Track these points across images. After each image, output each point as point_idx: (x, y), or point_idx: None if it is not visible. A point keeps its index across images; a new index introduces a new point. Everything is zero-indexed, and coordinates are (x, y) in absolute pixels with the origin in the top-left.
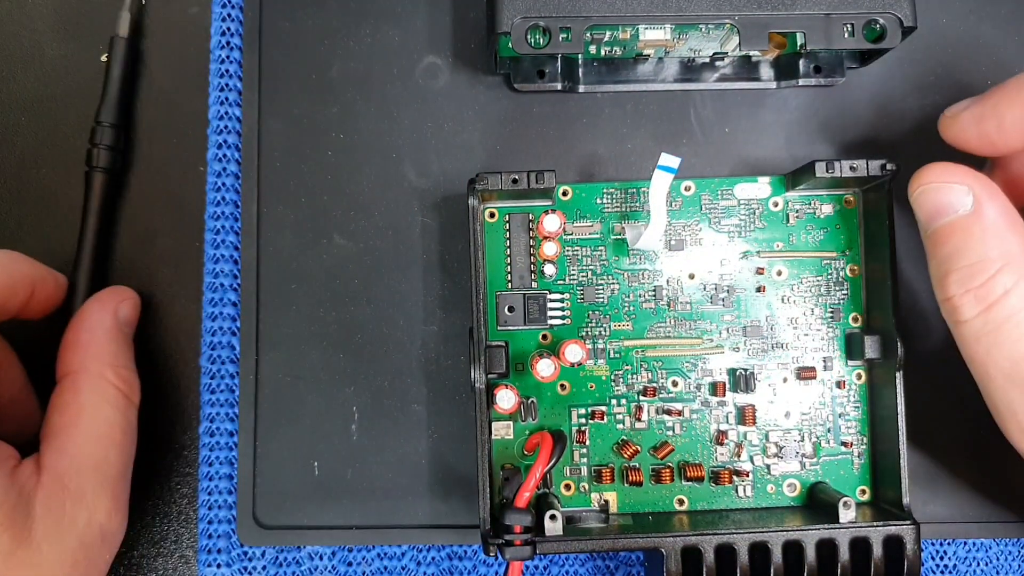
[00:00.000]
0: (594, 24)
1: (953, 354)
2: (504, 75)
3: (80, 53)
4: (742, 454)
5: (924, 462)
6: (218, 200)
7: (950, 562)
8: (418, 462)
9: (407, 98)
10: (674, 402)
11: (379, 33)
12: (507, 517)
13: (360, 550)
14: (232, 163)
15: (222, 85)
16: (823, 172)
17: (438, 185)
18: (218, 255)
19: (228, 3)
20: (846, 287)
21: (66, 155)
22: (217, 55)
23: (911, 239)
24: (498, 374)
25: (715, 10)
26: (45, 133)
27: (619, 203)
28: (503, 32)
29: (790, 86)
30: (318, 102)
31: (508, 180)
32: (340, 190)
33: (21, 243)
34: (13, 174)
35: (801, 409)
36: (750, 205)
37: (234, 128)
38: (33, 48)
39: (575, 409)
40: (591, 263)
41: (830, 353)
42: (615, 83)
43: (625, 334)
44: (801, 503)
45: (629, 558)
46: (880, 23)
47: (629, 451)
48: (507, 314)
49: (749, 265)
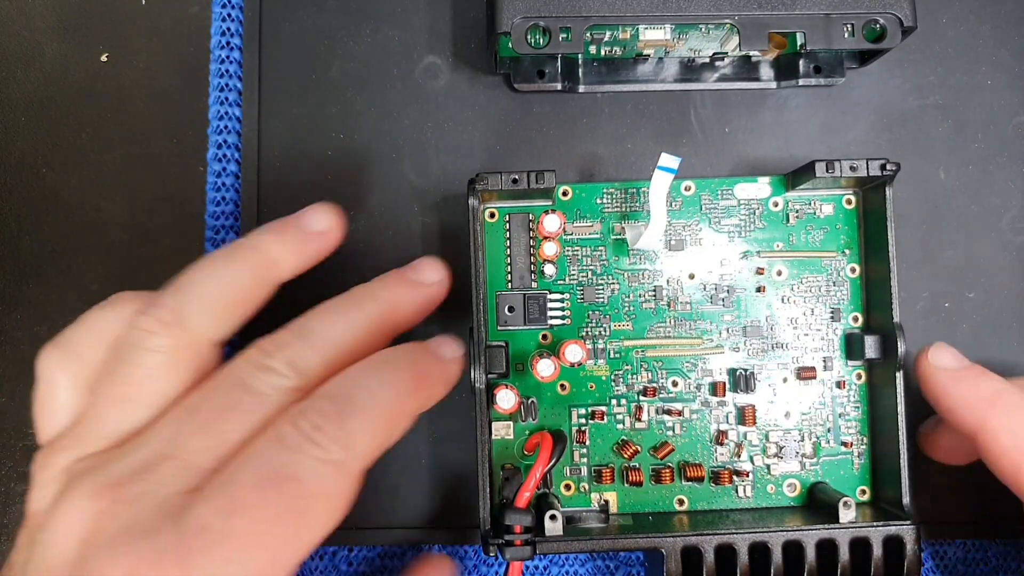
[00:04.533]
0: (594, 24)
1: (939, 327)
2: (504, 75)
3: (80, 53)
4: (742, 454)
5: (924, 461)
6: (218, 200)
7: (950, 562)
8: (418, 462)
9: (407, 98)
10: (674, 402)
11: (379, 33)
12: (507, 517)
13: (360, 550)
14: (232, 163)
15: (222, 85)
16: (823, 172)
17: (438, 185)
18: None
19: (228, 3)
20: (846, 287)
21: (66, 155)
22: (217, 55)
23: (911, 239)
24: (498, 374)
25: (715, 10)
26: (45, 133)
27: (619, 203)
28: (503, 32)
29: (790, 86)
30: (318, 102)
31: (508, 180)
32: (340, 190)
33: (21, 243)
34: (13, 174)
35: (801, 409)
36: (750, 205)
37: (234, 128)
38: (33, 48)
39: (575, 409)
40: (591, 263)
41: (830, 353)
42: (615, 83)
43: (625, 334)
44: (801, 503)
45: (629, 558)
46: (880, 23)
47: (629, 451)
48: (507, 314)
49: (749, 265)
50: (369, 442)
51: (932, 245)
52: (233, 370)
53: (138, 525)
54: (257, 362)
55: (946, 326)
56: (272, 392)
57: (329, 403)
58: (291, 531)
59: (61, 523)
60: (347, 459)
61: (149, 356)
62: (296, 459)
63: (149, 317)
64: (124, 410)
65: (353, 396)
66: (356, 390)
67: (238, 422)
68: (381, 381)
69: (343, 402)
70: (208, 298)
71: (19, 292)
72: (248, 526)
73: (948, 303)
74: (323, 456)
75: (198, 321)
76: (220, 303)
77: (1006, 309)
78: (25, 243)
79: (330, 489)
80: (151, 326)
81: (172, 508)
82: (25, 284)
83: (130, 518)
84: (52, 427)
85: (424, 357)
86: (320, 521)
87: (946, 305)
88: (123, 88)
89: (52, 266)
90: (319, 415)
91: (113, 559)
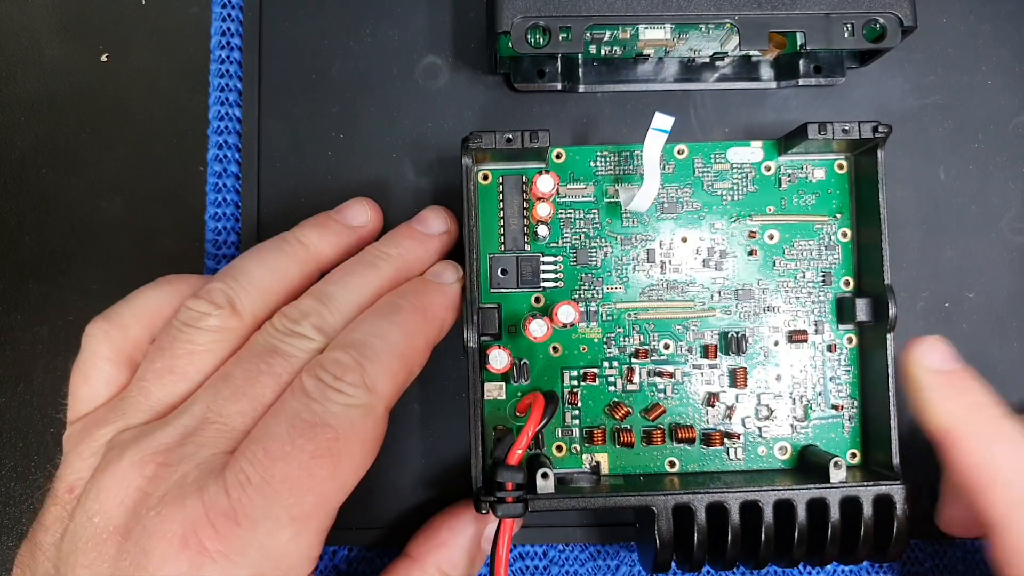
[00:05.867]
0: (594, 24)
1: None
2: (504, 75)
3: (80, 53)
4: (733, 416)
5: (924, 460)
6: (218, 200)
7: (950, 562)
8: (416, 462)
9: (407, 98)
10: (666, 364)
11: (379, 33)
12: (499, 474)
13: (360, 550)
14: (232, 163)
15: (222, 85)
16: (815, 134)
17: (438, 185)
18: (218, 255)
19: (228, 3)
20: (837, 251)
21: (66, 155)
22: (217, 55)
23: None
24: (491, 335)
25: (715, 10)
26: (45, 133)
27: (613, 166)
28: (503, 31)
29: (790, 86)
30: (318, 102)
31: (502, 139)
32: (340, 190)
33: (21, 243)
34: (13, 174)
35: (792, 372)
36: (742, 169)
37: (234, 128)
38: (33, 48)
39: (567, 371)
40: (584, 226)
41: (821, 317)
42: (615, 83)
43: (618, 297)
44: (792, 466)
45: (630, 557)
46: (880, 23)
47: (621, 413)
48: (500, 276)
49: (741, 229)
50: (390, 383)
51: (932, 245)
52: (263, 338)
53: (185, 486)
54: (286, 329)
55: (946, 326)
56: (301, 354)
57: (345, 353)
58: (328, 473)
59: (108, 491)
60: (372, 401)
61: (200, 335)
62: (324, 407)
63: (203, 300)
64: (168, 384)
65: (366, 343)
66: (369, 337)
67: (269, 385)
68: (391, 324)
69: (359, 349)
70: (258, 285)
71: (19, 292)
72: (287, 473)
73: (948, 303)
74: (348, 402)
75: (248, 306)
76: (269, 290)
77: (1006, 309)
78: (25, 243)
79: (359, 431)
80: (205, 308)
81: (215, 467)
82: (25, 284)
83: (177, 481)
84: (89, 398)
85: (427, 291)
86: (355, 462)
87: (946, 305)
88: (123, 88)
89: (52, 266)
90: (338, 365)
91: (165, 520)
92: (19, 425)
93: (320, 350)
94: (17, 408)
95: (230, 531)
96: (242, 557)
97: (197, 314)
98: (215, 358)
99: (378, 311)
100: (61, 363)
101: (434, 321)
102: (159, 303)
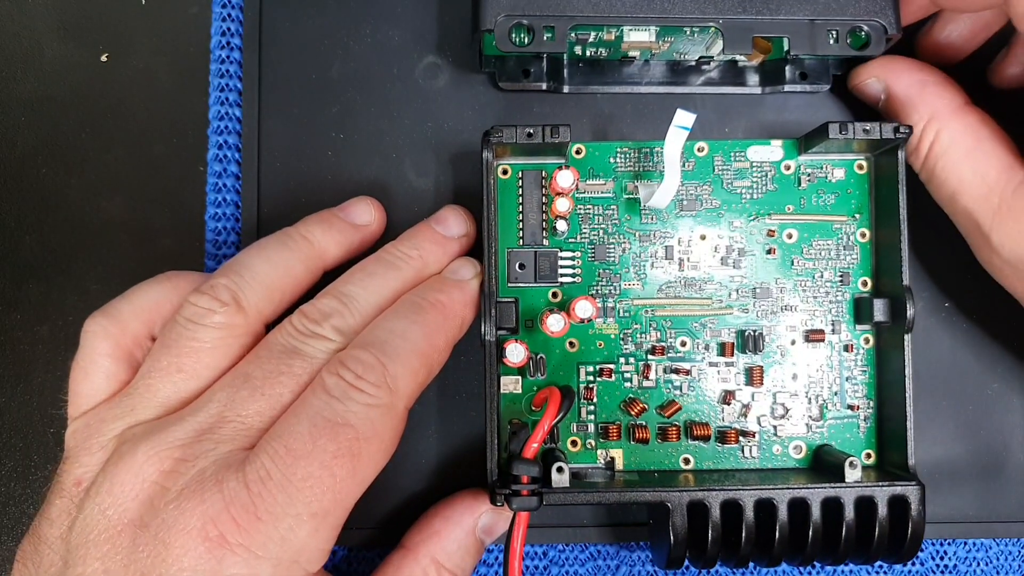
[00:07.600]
0: (578, 24)
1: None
2: (489, 74)
3: (80, 53)
4: (749, 415)
5: (923, 461)
6: (218, 200)
7: (950, 562)
8: (420, 462)
9: (407, 98)
10: (682, 361)
11: (379, 33)
12: (515, 467)
13: (362, 550)
14: (232, 163)
15: (222, 85)
16: (836, 134)
17: (438, 185)
18: (218, 255)
19: (228, 3)
20: (856, 251)
21: (66, 155)
22: (217, 55)
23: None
24: (508, 329)
25: (699, 13)
26: (45, 133)
27: (632, 162)
28: (486, 29)
29: (775, 92)
30: (318, 102)
31: (523, 134)
32: (340, 190)
33: (21, 243)
34: (13, 174)
35: (808, 371)
36: (762, 168)
37: (234, 128)
38: (33, 48)
39: (583, 366)
40: (603, 222)
41: (838, 316)
42: (600, 84)
43: (635, 293)
44: (807, 465)
45: (630, 557)
46: (864, 30)
47: (636, 409)
48: (518, 271)
49: (760, 227)
50: (410, 382)
51: (932, 245)
52: (282, 338)
53: (204, 481)
54: (306, 330)
55: (946, 326)
56: (320, 355)
57: (367, 352)
58: (348, 472)
59: (122, 485)
60: (392, 401)
61: (205, 332)
62: (345, 407)
63: (207, 296)
64: (176, 381)
65: (387, 342)
66: (391, 336)
67: (288, 385)
68: (411, 323)
69: (380, 349)
70: (262, 281)
71: (19, 292)
72: (309, 471)
73: (948, 303)
74: (369, 401)
75: (253, 302)
76: (274, 286)
77: (1006, 309)
78: (25, 243)
79: (380, 430)
80: (209, 304)
81: (233, 463)
82: (25, 284)
83: (195, 476)
84: (90, 394)
85: (447, 289)
86: (375, 460)
87: (946, 305)
88: (123, 88)
89: (52, 266)
90: (359, 364)
91: (185, 513)
92: (19, 425)
93: (339, 351)
94: (17, 408)
95: (251, 525)
96: (263, 550)
97: (202, 310)
98: (221, 355)
99: (399, 310)
100: (61, 363)
101: (454, 319)
102: (159, 299)
